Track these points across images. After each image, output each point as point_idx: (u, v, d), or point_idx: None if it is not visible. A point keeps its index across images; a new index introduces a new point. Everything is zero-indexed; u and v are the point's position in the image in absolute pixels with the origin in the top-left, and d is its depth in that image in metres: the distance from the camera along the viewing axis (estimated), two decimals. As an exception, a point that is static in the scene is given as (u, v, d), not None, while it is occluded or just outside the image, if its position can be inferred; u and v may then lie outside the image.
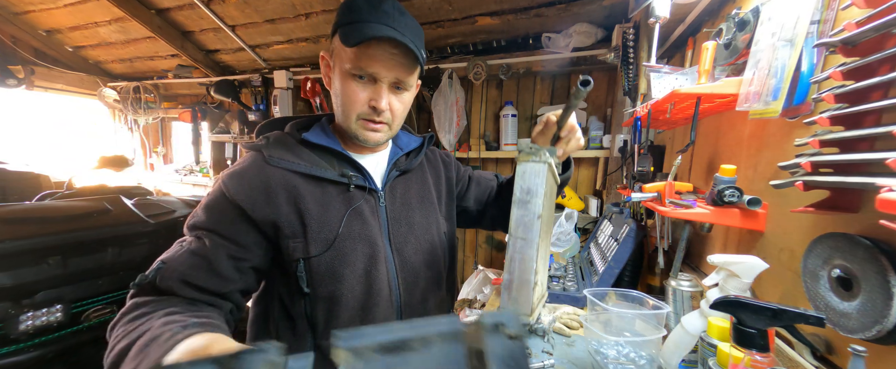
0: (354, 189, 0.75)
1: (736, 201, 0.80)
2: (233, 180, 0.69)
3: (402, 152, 0.87)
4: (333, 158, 0.78)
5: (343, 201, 0.74)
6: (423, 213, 0.85)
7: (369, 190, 0.77)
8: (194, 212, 0.70)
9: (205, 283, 0.64)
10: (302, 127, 0.82)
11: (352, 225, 0.73)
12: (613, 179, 2.03)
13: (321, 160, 0.75)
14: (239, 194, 0.68)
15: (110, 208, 1.61)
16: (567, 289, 1.35)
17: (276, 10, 2.36)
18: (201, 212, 0.69)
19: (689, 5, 1.22)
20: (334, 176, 0.74)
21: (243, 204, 0.67)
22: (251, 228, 0.69)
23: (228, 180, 0.69)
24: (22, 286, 1.28)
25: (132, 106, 3.70)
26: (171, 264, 0.63)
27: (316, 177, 0.73)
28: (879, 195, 0.44)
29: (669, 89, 0.98)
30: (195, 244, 0.66)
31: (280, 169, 0.71)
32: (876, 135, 0.50)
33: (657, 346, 0.84)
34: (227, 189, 0.68)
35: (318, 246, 0.70)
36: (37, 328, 1.27)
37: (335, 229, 0.71)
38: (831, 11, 0.65)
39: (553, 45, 2.10)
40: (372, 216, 0.77)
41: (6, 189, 2.16)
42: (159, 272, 0.63)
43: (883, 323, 0.50)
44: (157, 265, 0.64)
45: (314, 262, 0.70)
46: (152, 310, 0.59)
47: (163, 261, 0.64)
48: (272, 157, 0.72)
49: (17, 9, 2.83)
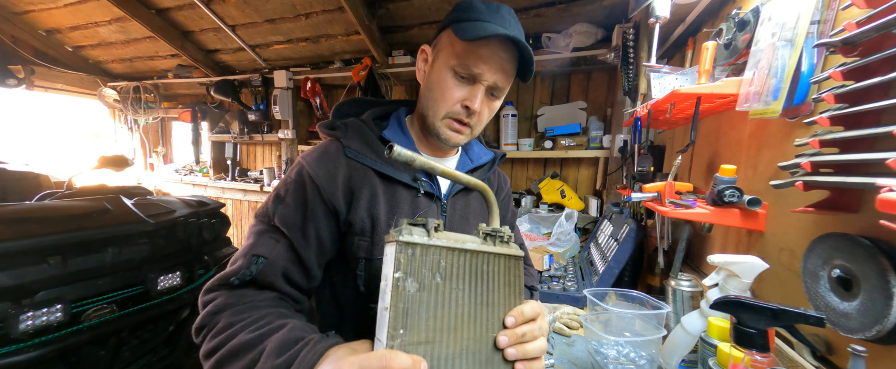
0: (422, 195, 0.74)
1: (736, 201, 0.80)
2: (320, 168, 0.69)
3: (471, 164, 0.84)
4: None
5: (411, 206, 0.73)
6: (479, 223, 0.82)
7: (435, 197, 0.76)
8: (277, 194, 0.69)
9: (299, 280, 0.66)
10: (379, 116, 0.81)
11: None
12: (613, 179, 2.03)
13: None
14: (324, 183, 0.67)
15: (110, 208, 1.61)
16: (567, 289, 1.35)
17: (276, 10, 2.37)
18: (291, 202, 0.68)
19: (689, 5, 1.22)
20: (407, 179, 0.72)
21: (326, 194, 0.67)
22: (332, 222, 0.69)
23: (314, 167, 0.68)
24: (22, 286, 1.28)
25: (132, 106, 3.70)
26: (273, 259, 0.64)
27: (389, 178, 0.72)
28: (879, 195, 0.44)
29: (669, 89, 0.98)
30: (289, 239, 0.66)
31: (358, 163, 0.70)
32: (876, 135, 0.50)
33: (657, 346, 0.84)
34: (314, 176, 0.68)
35: (382, 249, 0.68)
36: (37, 328, 1.27)
37: None
38: (831, 11, 0.65)
39: (553, 45, 2.10)
40: None
41: (6, 189, 2.16)
42: (261, 267, 0.63)
43: (883, 323, 0.50)
44: (255, 260, 0.63)
45: (375, 264, 0.69)
46: (262, 306, 0.61)
47: (260, 255, 0.64)
48: (350, 149, 0.71)
49: (17, 9, 2.83)
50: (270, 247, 0.65)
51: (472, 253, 0.52)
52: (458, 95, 0.69)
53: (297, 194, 0.68)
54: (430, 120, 0.73)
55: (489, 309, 0.52)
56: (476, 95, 0.69)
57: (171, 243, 1.76)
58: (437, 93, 0.71)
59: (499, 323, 0.53)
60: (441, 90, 0.70)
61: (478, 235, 0.56)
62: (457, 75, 0.68)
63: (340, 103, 0.84)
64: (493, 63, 0.67)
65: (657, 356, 0.83)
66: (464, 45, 0.66)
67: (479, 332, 0.51)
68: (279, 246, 0.65)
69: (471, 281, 0.52)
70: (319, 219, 0.67)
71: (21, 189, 2.21)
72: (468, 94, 0.69)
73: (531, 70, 0.70)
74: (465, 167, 0.83)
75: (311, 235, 0.67)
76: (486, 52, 0.66)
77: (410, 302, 0.46)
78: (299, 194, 0.68)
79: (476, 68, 0.67)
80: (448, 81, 0.69)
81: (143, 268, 1.63)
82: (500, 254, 0.55)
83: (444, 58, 0.70)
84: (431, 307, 0.47)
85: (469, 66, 0.67)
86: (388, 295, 0.45)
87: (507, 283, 0.55)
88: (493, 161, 0.89)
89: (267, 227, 0.68)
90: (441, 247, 0.49)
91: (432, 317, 0.47)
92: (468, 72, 0.67)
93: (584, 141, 2.28)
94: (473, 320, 0.51)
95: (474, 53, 0.66)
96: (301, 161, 0.71)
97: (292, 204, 0.68)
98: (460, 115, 0.71)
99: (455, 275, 0.50)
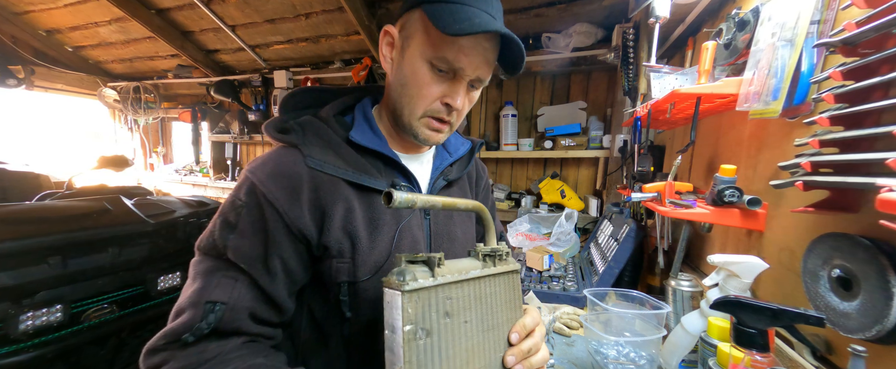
0: None
1: (736, 201, 0.80)
2: (277, 186, 0.56)
3: (450, 157, 0.76)
4: (379, 161, 0.66)
5: (392, 215, 0.64)
6: (463, 227, 0.76)
7: None
8: (225, 220, 0.56)
9: (270, 317, 0.57)
10: (340, 111, 0.70)
11: (401, 245, 0.64)
12: (613, 179, 2.03)
13: (366, 162, 0.64)
14: (286, 206, 0.56)
15: (110, 208, 1.61)
16: (567, 289, 1.35)
17: (276, 10, 2.37)
18: (246, 230, 0.55)
19: (689, 5, 1.22)
20: (384, 186, 0.63)
21: (290, 219, 0.56)
22: (301, 248, 0.59)
23: (270, 185, 0.56)
24: (22, 286, 1.28)
25: (132, 106, 3.70)
26: (234, 304, 0.53)
27: (364, 187, 0.62)
28: (879, 195, 0.44)
29: (669, 89, 0.98)
30: (250, 276, 0.55)
31: (325, 175, 0.59)
32: (876, 135, 0.50)
33: (657, 346, 0.84)
34: (272, 198, 0.56)
35: (367, 269, 0.60)
36: (37, 328, 1.27)
37: (386, 251, 0.62)
38: (831, 11, 0.65)
39: (553, 45, 2.10)
40: (418, 230, 0.67)
41: (6, 189, 2.16)
42: (221, 315, 0.52)
43: (883, 323, 0.50)
44: (211, 308, 0.52)
45: (361, 287, 0.60)
46: (232, 359, 0.51)
47: (217, 301, 0.52)
48: (312, 158, 0.59)
49: (17, 9, 2.83)
50: (228, 288, 0.53)
51: (475, 280, 0.50)
52: (438, 92, 0.60)
53: (253, 220, 0.56)
54: (405, 119, 0.63)
55: (494, 331, 0.52)
56: (458, 91, 0.60)
57: (171, 243, 1.76)
58: (412, 90, 0.61)
59: (504, 342, 0.52)
60: (417, 86, 0.60)
61: (477, 258, 0.53)
62: (435, 69, 0.59)
63: (289, 95, 0.69)
64: (476, 55, 0.58)
65: (657, 356, 0.83)
66: (442, 35, 0.56)
67: (488, 357, 0.50)
68: (239, 285, 0.54)
69: (476, 309, 0.50)
70: (284, 247, 0.56)
71: (21, 189, 2.21)
72: (449, 91, 0.60)
73: (519, 64, 0.60)
74: (444, 161, 0.75)
75: (276, 267, 0.56)
76: (469, 43, 0.57)
77: (423, 353, 0.43)
78: (255, 220, 0.56)
79: (458, 63, 0.58)
80: (425, 76, 0.59)
81: (143, 268, 1.63)
82: (499, 274, 0.54)
83: (417, 47, 0.59)
84: (443, 349, 0.45)
85: (450, 61, 0.58)
86: (400, 352, 0.42)
87: (508, 300, 0.54)
88: (471, 151, 0.81)
89: (217, 264, 0.55)
90: (447, 283, 0.46)
91: (444, 358, 0.45)
92: (449, 66, 0.58)
93: (584, 141, 2.28)
94: (482, 348, 0.50)
95: (455, 45, 0.57)
96: (250, 177, 0.57)
97: (248, 232, 0.56)
98: (440, 113, 0.62)
99: (461, 308, 0.48)
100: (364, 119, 0.68)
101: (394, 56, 0.63)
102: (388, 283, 0.44)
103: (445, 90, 0.61)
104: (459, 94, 0.61)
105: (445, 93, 0.61)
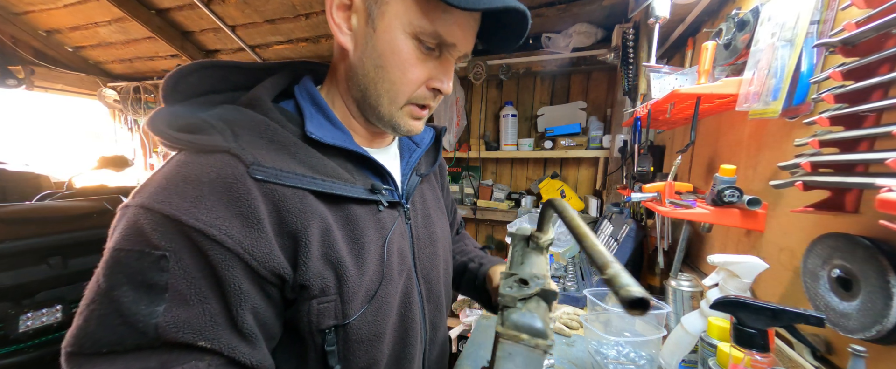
0: (386, 208, 0.54)
1: (736, 201, 0.80)
2: (220, 217, 0.39)
3: (417, 148, 0.66)
4: (348, 161, 0.53)
5: (375, 228, 0.52)
6: (441, 224, 0.68)
7: (397, 204, 0.57)
8: (147, 284, 0.37)
9: None
10: (277, 96, 0.54)
11: (391, 261, 0.53)
12: (613, 179, 2.03)
13: (333, 164, 0.50)
14: (247, 243, 0.40)
15: (110, 208, 1.61)
16: (567, 289, 1.35)
17: (276, 11, 2.37)
18: (187, 291, 0.38)
19: (689, 5, 1.22)
20: (362, 192, 0.50)
21: (258, 262, 0.41)
22: (274, 292, 0.44)
23: (210, 216, 0.38)
24: (22, 286, 1.28)
25: (132, 106, 3.70)
26: None
27: (337, 197, 0.49)
28: (879, 195, 0.44)
29: (669, 89, 0.98)
30: (216, 352, 0.39)
31: (284, 188, 0.44)
32: (876, 135, 0.50)
33: (657, 346, 0.84)
34: (219, 236, 0.38)
35: (358, 303, 0.48)
36: (37, 328, 1.27)
37: (377, 273, 0.51)
38: (831, 11, 0.65)
39: (553, 45, 2.10)
40: (403, 239, 0.57)
41: (6, 189, 2.16)
42: None
43: (883, 323, 0.50)
44: None
45: (353, 327, 0.48)
46: None
47: None
48: (261, 167, 0.42)
49: (17, 9, 2.83)
50: None
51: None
52: (424, 74, 0.49)
53: (191, 271, 0.38)
54: (385, 109, 0.51)
55: None
56: (448, 73, 0.50)
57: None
58: (394, 73, 0.48)
59: None
60: (401, 68, 0.48)
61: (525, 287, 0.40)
62: (422, 45, 0.47)
63: (178, 75, 0.49)
64: (469, 28, 0.49)
65: (657, 356, 0.83)
66: (435, 2, 0.45)
67: None
68: (204, 366, 0.38)
69: None
70: (253, 297, 0.41)
71: (21, 189, 2.21)
72: (437, 72, 0.50)
73: (522, 34, 0.50)
74: (413, 153, 0.65)
75: (250, 326, 0.41)
76: (465, 14, 0.47)
77: None
78: (195, 270, 0.38)
79: (451, 37, 0.47)
80: (410, 54, 0.47)
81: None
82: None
83: (397, 16, 0.46)
84: None
85: (442, 35, 0.46)
86: None
87: None
88: (437, 139, 0.71)
89: (147, 360, 0.37)
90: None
91: None
92: (443, 42, 0.47)
93: (583, 141, 2.28)
94: None
95: (451, 16, 0.46)
96: (163, 210, 0.38)
97: (189, 291, 0.38)
98: (426, 100, 0.51)
99: None
100: (314, 106, 0.52)
101: (357, 26, 0.48)
102: (513, 337, 0.32)
103: (432, 71, 0.49)
104: (449, 76, 0.51)
105: (433, 76, 0.50)
